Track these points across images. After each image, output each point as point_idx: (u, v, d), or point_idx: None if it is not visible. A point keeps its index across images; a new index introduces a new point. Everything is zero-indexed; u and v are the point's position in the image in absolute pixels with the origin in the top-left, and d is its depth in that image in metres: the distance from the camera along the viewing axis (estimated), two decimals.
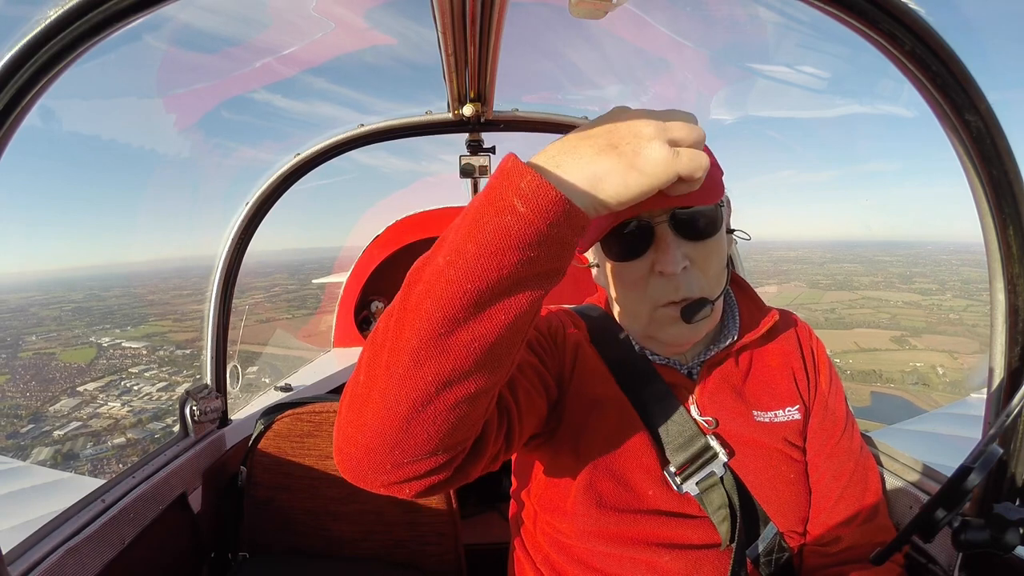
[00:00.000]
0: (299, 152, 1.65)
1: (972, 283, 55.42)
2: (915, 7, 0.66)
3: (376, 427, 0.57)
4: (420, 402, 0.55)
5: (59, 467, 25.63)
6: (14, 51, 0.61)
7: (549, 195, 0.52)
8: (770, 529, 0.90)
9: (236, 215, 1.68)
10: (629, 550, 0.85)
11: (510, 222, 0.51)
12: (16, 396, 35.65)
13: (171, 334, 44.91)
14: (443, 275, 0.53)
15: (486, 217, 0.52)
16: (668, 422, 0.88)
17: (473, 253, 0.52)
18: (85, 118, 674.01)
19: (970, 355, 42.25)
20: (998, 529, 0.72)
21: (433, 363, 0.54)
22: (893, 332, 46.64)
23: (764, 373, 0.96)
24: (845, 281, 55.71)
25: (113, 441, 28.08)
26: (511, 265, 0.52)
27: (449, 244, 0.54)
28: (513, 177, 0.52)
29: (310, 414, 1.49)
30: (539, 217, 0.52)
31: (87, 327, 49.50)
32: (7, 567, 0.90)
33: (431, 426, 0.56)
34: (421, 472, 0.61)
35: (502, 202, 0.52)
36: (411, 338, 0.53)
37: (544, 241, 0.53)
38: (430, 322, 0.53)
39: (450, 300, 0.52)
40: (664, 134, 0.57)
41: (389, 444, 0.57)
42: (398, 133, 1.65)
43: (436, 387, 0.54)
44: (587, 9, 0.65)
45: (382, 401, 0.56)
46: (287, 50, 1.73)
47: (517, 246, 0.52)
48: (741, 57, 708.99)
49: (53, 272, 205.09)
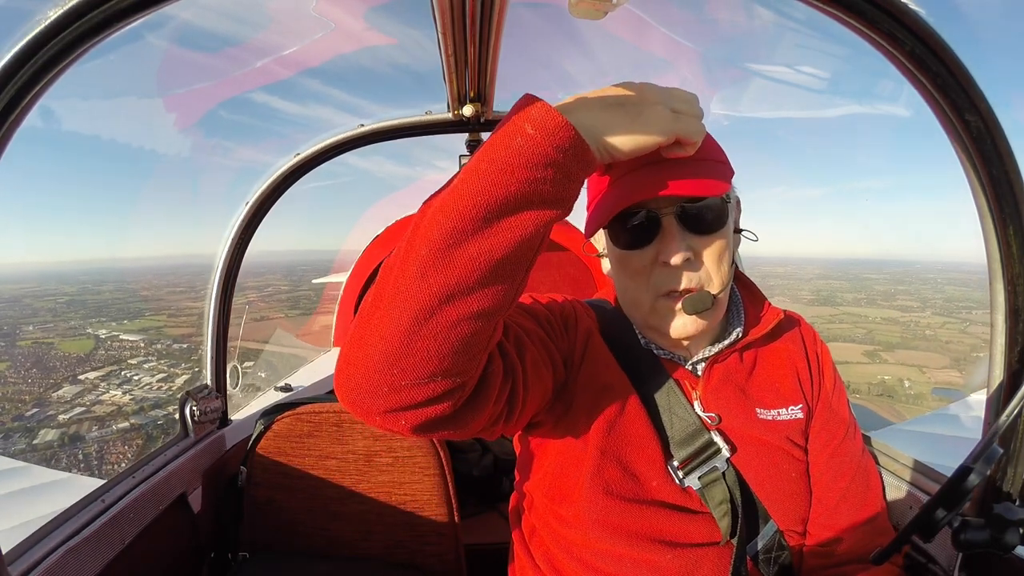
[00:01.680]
0: (299, 152, 1.64)
1: (954, 301, 56.12)
2: (915, 7, 0.66)
3: (378, 343, 0.58)
4: (423, 315, 0.57)
5: (67, 447, 25.85)
6: (14, 51, 0.61)
7: (556, 120, 0.58)
8: (770, 527, 0.90)
9: (236, 215, 1.67)
10: (631, 546, 0.86)
11: (520, 143, 0.57)
12: (18, 382, 36.06)
13: (167, 328, 44.97)
14: (456, 191, 0.58)
15: (499, 139, 0.59)
16: (672, 416, 0.89)
17: (484, 170, 0.57)
18: (85, 117, 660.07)
19: (939, 370, 43.37)
20: (998, 529, 0.72)
21: (439, 274, 0.57)
22: (867, 346, 47.56)
23: (768, 371, 0.96)
24: (829, 297, 56.44)
25: (117, 425, 28.67)
26: (519, 183, 0.57)
27: (465, 168, 0.60)
28: (526, 107, 0.59)
29: (310, 414, 1.49)
30: (546, 139, 0.57)
31: (83, 319, 49.57)
32: (7, 567, 0.90)
33: (431, 342, 0.58)
34: (419, 400, 0.60)
35: (513, 127, 0.58)
36: (421, 248, 0.57)
37: (550, 163, 0.58)
38: (440, 232, 0.57)
39: (461, 212, 0.57)
40: (668, 101, 0.66)
41: (390, 361, 0.58)
42: (398, 133, 1.65)
43: (440, 299, 0.57)
44: (587, 10, 0.65)
45: (386, 315, 0.58)
46: (287, 50, 1.73)
47: (525, 164, 0.57)
48: (741, 57, 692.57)
49: (45, 265, 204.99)
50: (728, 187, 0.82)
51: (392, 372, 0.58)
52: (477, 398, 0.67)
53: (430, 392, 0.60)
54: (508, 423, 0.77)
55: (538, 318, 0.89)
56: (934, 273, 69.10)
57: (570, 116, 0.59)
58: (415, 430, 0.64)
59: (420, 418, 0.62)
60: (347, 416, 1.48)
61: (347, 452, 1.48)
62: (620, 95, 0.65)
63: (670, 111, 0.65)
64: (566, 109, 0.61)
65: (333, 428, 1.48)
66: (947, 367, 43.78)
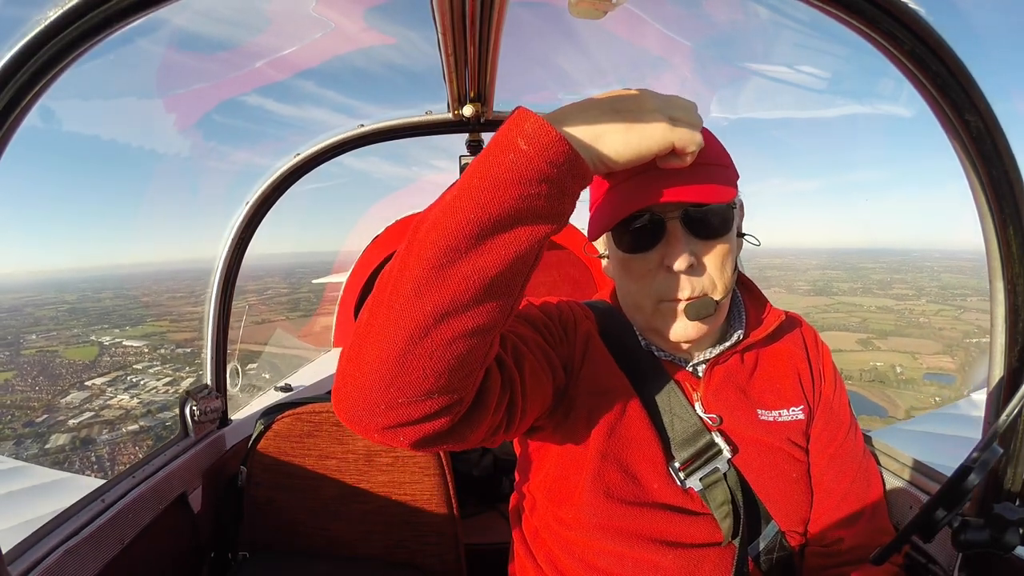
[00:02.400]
0: (299, 152, 1.64)
1: (949, 288, 56.10)
2: (915, 7, 0.66)
3: (374, 361, 0.58)
4: (418, 333, 0.56)
5: (78, 450, 26.23)
6: (14, 51, 0.61)
7: (550, 135, 0.56)
8: (771, 527, 0.90)
9: (236, 215, 1.67)
10: (633, 548, 0.86)
11: (512, 158, 0.56)
12: (26, 390, 36.51)
13: (170, 334, 45.17)
14: (449, 208, 0.57)
15: (491, 155, 0.57)
16: (673, 418, 0.89)
17: (477, 186, 0.56)
18: (80, 119, 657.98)
19: (931, 356, 43.59)
20: (998, 529, 0.72)
21: (433, 293, 0.56)
22: (861, 335, 47.57)
23: (769, 373, 0.96)
24: (825, 287, 56.36)
25: (127, 428, 29.22)
26: (512, 199, 0.56)
27: (457, 184, 0.59)
28: (519, 121, 0.57)
29: (310, 414, 1.49)
30: (539, 155, 0.56)
31: (85, 327, 49.82)
32: (7, 567, 0.90)
33: (427, 361, 0.57)
34: (416, 416, 0.60)
35: (507, 142, 0.57)
36: (414, 267, 0.57)
37: (544, 179, 0.57)
38: (434, 251, 0.56)
39: (454, 230, 0.55)
40: (666, 109, 0.64)
41: (386, 380, 0.58)
42: (398, 133, 1.65)
43: (434, 318, 0.56)
44: (586, 9, 0.65)
45: (381, 333, 0.58)
46: (287, 50, 1.73)
47: (518, 180, 0.56)
48: (741, 57, 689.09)
49: (42, 275, 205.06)
50: (735, 192, 0.81)
51: (388, 391, 0.58)
52: (475, 412, 0.67)
53: (427, 409, 0.60)
54: (508, 431, 0.77)
55: (536, 325, 0.88)
56: (931, 261, 69.11)
57: (564, 128, 0.58)
58: (414, 445, 0.64)
59: (418, 434, 0.62)
60: None
61: (347, 452, 1.48)
62: (616, 102, 0.63)
63: (667, 119, 0.63)
64: (559, 120, 0.60)
65: (333, 428, 1.48)
66: (939, 353, 43.96)
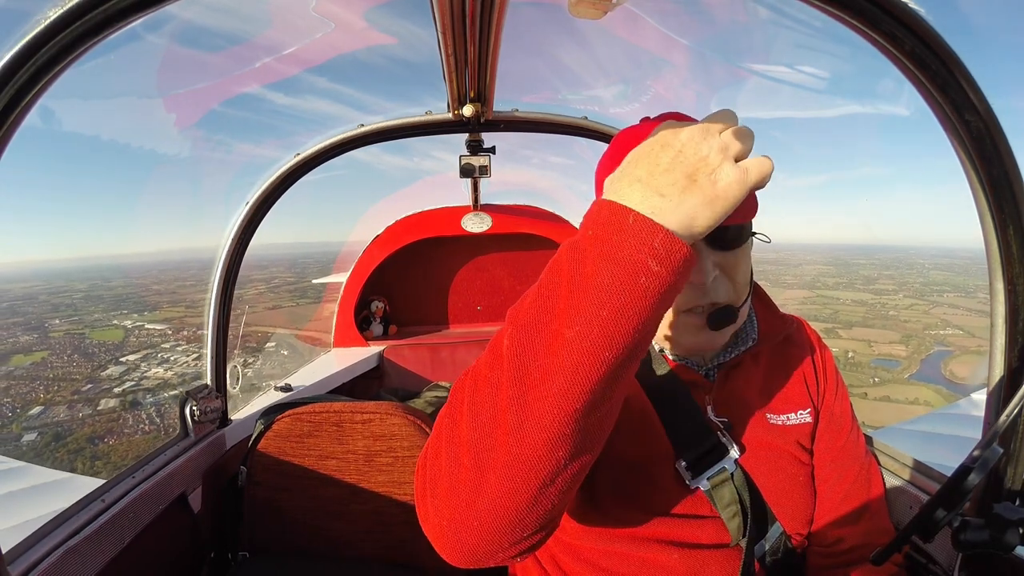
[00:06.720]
0: (299, 152, 1.65)
1: (931, 285, 56.29)
2: (915, 7, 0.66)
3: (496, 511, 0.55)
4: (548, 480, 0.53)
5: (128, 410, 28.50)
6: (14, 51, 0.60)
7: (682, 252, 0.50)
8: (775, 529, 0.90)
9: (236, 214, 1.68)
10: (639, 548, 0.86)
11: (646, 283, 0.49)
12: (64, 366, 38.15)
13: (188, 318, 45.73)
14: (575, 347, 0.49)
15: (618, 280, 0.49)
16: (683, 419, 0.89)
17: (609, 318, 0.49)
18: (84, 117, 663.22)
19: (886, 344, 44.06)
20: (998, 529, 0.72)
21: (570, 443, 0.51)
22: (828, 325, 47.77)
23: (778, 376, 0.97)
24: (811, 282, 56.57)
25: (168, 393, 31.35)
26: (644, 325, 0.50)
27: (569, 313, 0.50)
28: (643, 235, 0.50)
29: (310, 414, 1.49)
30: (672, 273, 0.50)
31: (105, 312, 50.50)
32: (7, 567, 0.90)
33: (555, 498, 0.55)
34: (536, 542, 0.60)
35: (635, 264, 0.49)
36: (546, 420, 0.50)
37: (673, 292, 0.51)
38: (568, 400, 0.50)
39: (588, 372, 0.49)
40: (728, 152, 0.55)
41: (511, 524, 0.55)
42: (398, 133, 1.65)
43: (567, 463, 0.53)
44: (586, 9, 0.65)
45: (507, 485, 0.53)
46: (287, 50, 1.73)
47: (653, 305, 0.50)
48: (741, 57, 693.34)
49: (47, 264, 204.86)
50: (758, 206, 0.81)
51: (513, 532, 0.57)
52: None
53: (547, 532, 0.60)
54: None
55: None
56: (925, 258, 69.38)
57: (664, 221, 0.51)
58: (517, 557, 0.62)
59: (533, 550, 0.62)
60: (347, 416, 1.49)
61: (347, 452, 1.48)
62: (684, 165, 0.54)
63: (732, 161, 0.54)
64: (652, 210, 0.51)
65: (333, 428, 1.48)
66: (895, 342, 44.39)
